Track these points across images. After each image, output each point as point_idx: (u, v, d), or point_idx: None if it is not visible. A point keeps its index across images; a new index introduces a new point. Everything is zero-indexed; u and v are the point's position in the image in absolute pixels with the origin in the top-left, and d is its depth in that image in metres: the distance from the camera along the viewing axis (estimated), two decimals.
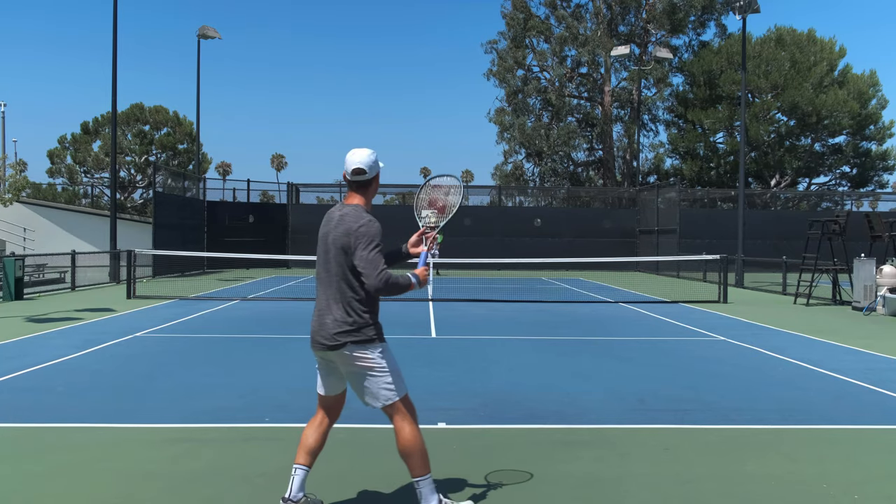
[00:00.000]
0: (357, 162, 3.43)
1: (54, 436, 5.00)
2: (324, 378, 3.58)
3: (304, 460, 3.56)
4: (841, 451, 4.83)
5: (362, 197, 3.49)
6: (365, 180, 3.46)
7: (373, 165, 3.46)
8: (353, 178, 3.45)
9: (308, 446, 3.57)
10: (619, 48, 35.62)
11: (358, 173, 3.43)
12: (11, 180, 22.26)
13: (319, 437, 3.60)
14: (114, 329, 10.38)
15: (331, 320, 3.37)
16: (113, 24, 21.21)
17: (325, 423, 3.63)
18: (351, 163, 3.44)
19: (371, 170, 3.45)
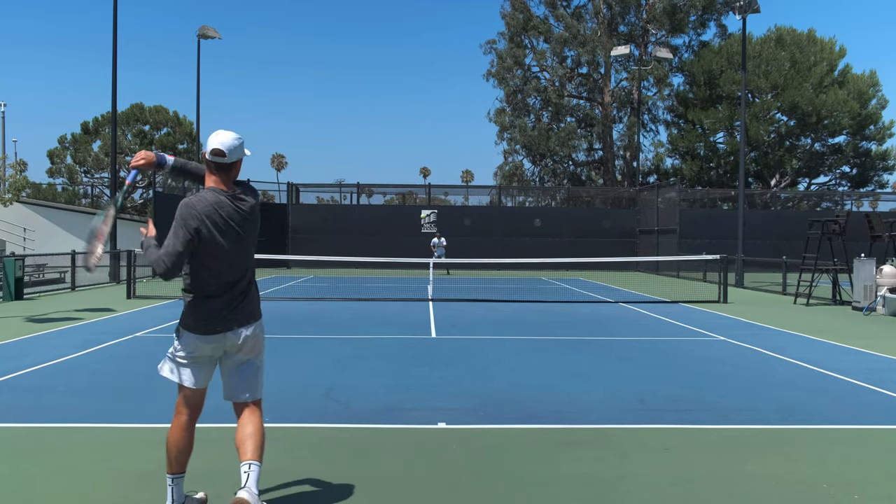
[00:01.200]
0: (218, 143, 3.35)
1: (54, 436, 5.00)
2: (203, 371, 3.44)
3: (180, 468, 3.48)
4: (841, 451, 4.83)
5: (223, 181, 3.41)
6: (225, 163, 3.40)
7: (234, 150, 3.39)
8: (211, 159, 3.37)
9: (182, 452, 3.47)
10: (619, 48, 35.65)
11: (216, 154, 3.35)
12: (11, 180, 22.26)
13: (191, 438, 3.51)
14: (114, 329, 10.37)
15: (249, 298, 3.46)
16: (113, 24, 21.22)
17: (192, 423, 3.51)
18: (211, 143, 3.36)
19: (231, 154, 3.38)
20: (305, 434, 5.08)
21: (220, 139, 3.35)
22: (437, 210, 31.31)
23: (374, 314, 12.52)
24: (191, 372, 3.40)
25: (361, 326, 11.00)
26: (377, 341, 9.59)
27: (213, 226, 3.30)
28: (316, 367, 7.61)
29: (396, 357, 8.30)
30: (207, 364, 3.45)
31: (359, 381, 6.86)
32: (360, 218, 30.99)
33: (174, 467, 3.44)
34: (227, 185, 3.40)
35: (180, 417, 3.45)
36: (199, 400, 3.50)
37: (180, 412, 3.46)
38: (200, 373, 3.43)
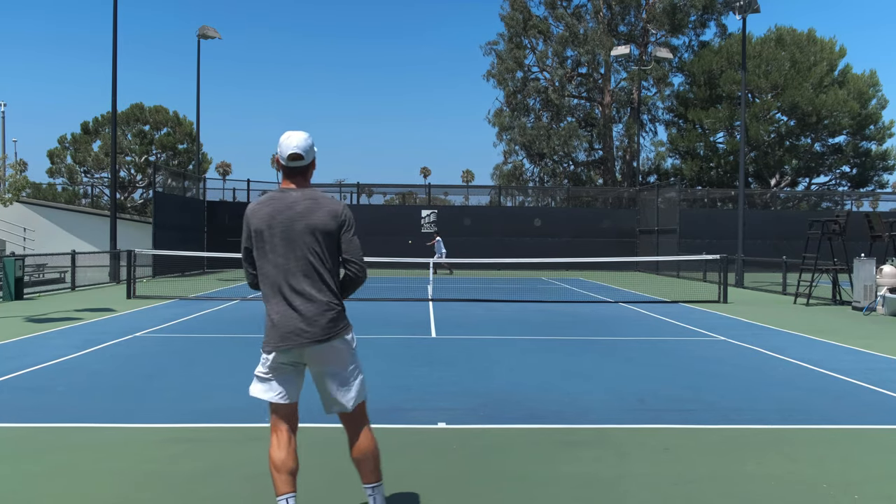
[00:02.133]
0: (293, 146, 3.15)
1: (54, 436, 5.00)
2: (285, 383, 3.18)
3: (290, 487, 3.13)
4: (841, 451, 4.83)
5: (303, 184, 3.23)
6: (302, 165, 3.20)
7: (309, 150, 3.20)
8: (289, 164, 3.18)
9: (288, 469, 3.14)
10: (619, 48, 35.62)
11: (294, 158, 3.16)
12: (11, 180, 22.25)
13: (293, 455, 3.20)
14: (114, 329, 10.38)
15: (313, 310, 3.06)
16: (113, 24, 21.22)
17: (292, 439, 3.23)
18: (286, 147, 3.15)
19: (307, 154, 3.19)
20: (305, 434, 5.06)
21: (295, 141, 3.16)
22: (437, 210, 31.31)
23: (374, 314, 12.52)
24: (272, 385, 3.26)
25: (361, 326, 11.00)
26: (377, 341, 9.59)
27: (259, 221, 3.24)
28: None
29: (397, 357, 8.30)
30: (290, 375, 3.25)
31: None
32: (360, 218, 30.64)
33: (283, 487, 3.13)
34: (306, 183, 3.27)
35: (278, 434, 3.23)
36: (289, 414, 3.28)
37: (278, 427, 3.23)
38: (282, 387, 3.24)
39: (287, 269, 3.09)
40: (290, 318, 3.07)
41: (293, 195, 3.16)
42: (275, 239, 3.10)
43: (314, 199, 3.15)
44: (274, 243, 3.10)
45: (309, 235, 3.09)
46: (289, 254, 3.09)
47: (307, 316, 3.07)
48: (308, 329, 3.06)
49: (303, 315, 3.07)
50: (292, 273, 3.09)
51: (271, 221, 3.11)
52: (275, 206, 3.13)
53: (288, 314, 3.08)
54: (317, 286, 3.09)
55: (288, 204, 3.13)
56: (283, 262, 3.10)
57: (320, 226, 3.10)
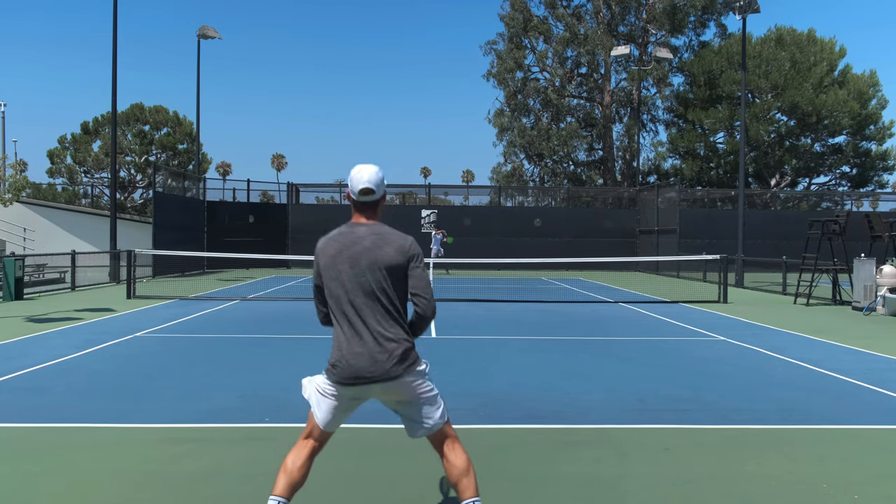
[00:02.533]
0: (365, 181, 3.12)
1: (54, 436, 5.00)
2: (336, 415, 3.19)
3: (286, 493, 3.14)
4: (841, 451, 4.83)
5: (373, 217, 3.21)
6: (373, 200, 3.18)
7: (380, 184, 3.18)
8: (360, 199, 3.15)
9: (294, 479, 3.15)
10: (619, 48, 35.63)
11: (366, 193, 3.13)
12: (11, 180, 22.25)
13: (307, 469, 3.20)
14: (114, 329, 10.38)
15: (381, 351, 3.03)
16: (113, 24, 21.22)
17: (313, 456, 3.25)
18: (358, 182, 3.12)
19: (378, 188, 3.16)
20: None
21: (367, 176, 3.13)
22: (438, 210, 31.31)
23: None
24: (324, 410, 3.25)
25: None
26: None
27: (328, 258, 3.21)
28: (316, 368, 7.56)
29: None
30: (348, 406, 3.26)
31: None
32: None
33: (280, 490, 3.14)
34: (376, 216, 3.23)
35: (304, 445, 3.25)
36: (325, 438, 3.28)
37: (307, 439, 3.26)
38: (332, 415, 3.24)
39: (355, 306, 3.07)
40: (358, 357, 3.05)
41: (361, 230, 3.14)
42: (342, 276, 3.08)
43: (380, 235, 3.12)
44: (342, 280, 3.09)
45: (377, 271, 3.06)
46: (356, 290, 3.07)
47: (375, 355, 3.04)
48: (375, 369, 3.04)
49: (371, 354, 3.04)
50: (360, 310, 3.06)
51: (339, 257, 3.10)
52: (342, 242, 3.13)
53: (356, 352, 3.06)
54: (385, 323, 3.07)
55: (355, 239, 3.12)
56: (351, 299, 3.07)
57: (387, 261, 3.07)
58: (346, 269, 3.08)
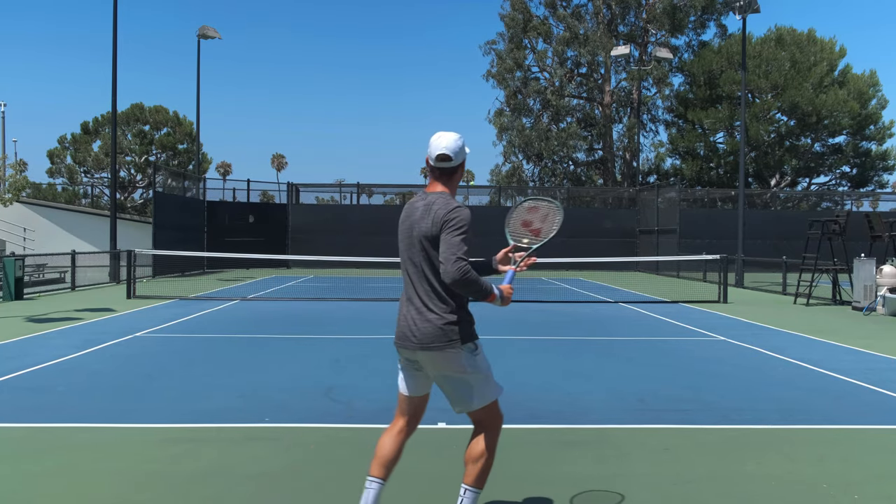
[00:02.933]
0: (442, 147, 3.10)
1: (54, 436, 5.00)
2: (408, 379, 3.26)
3: (380, 473, 3.23)
4: (841, 451, 4.83)
5: (445, 186, 3.17)
6: (450, 167, 3.15)
7: (459, 151, 3.15)
8: (437, 165, 3.14)
9: (384, 457, 3.24)
10: (619, 48, 35.64)
11: (442, 159, 3.12)
12: (11, 180, 22.26)
13: (398, 446, 3.28)
14: (114, 329, 10.37)
15: (420, 319, 3.08)
16: (113, 24, 21.22)
17: (404, 431, 3.30)
18: (436, 147, 3.11)
19: (457, 156, 3.14)
20: (305, 434, 5.09)
21: (445, 142, 3.12)
22: None
23: (374, 314, 12.52)
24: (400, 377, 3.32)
25: (361, 326, 11.00)
26: (377, 341, 9.59)
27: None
28: (316, 367, 7.62)
29: (396, 357, 8.28)
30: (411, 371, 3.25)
31: (359, 381, 6.86)
32: (360, 218, 30.99)
33: (374, 470, 3.25)
34: (453, 192, 3.20)
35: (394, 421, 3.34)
36: (407, 407, 3.30)
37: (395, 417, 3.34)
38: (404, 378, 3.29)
39: (409, 274, 3.16)
40: (403, 322, 3.16)
41: (421, 200, 3.16)
42: (402, 244, 3.19)
43: (429, 205, 3.10)
44: (402, 248, 3.19)
45: (419, 243, 3.09)
46: (407, 261, 3.16)
47: (416, 324, 3.09)
48: (416, 337, 3.10)
49: (412, 322, 3.11)
50: (410, 280, 3.15)
51: (402, 226, 3.19)
52: (407, 211, 3.20)
53: (403, 318, 3.18)
54: (427, 296, 3.09)
55: (413, 209, 3.17)
56: (406, 267, 3.17)
57: (425, 232, 3.06)
58: (404, 239, 3.17)
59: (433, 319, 3.06)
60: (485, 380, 3.20)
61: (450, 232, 3.00)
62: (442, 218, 3.02)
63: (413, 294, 3.14)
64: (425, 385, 3.29)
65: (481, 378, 3.19)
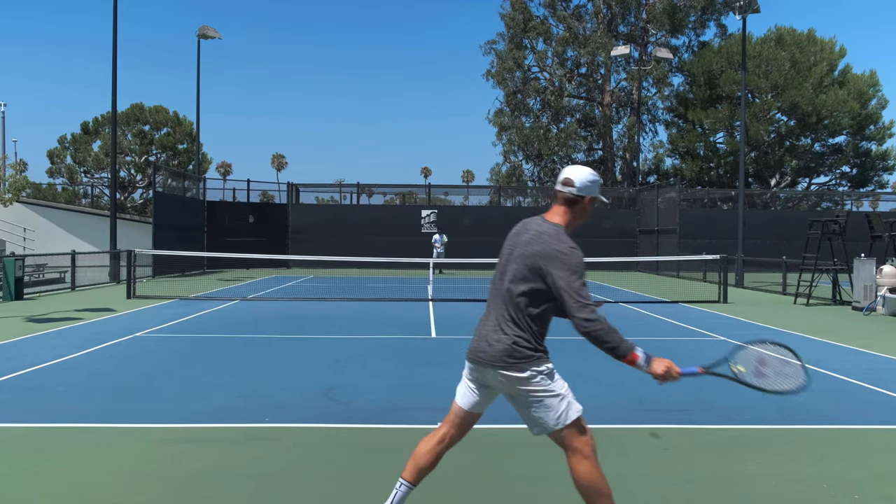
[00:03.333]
0: (569, 172, 3.11)
1: (54, 436, 5.00)
2: (467, 392, 3.22)
3: (411, 477, 3.23)
4: (841, 451, 4.83)
5: (563, 217, 3.13)
6: (571, 195, 3.10)
7: (585, 185, 3.09)
8: (559, 188, 3.12)
9: (419, 463, 3.22)
10: (619, 48, 35.62)
11: (566, 183, 3.09)
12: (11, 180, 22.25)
13: (435, 456, 3.23)
14: (114, 329, 10.37)
15: (495, 336, 3.04)
16: (113, 24, 21.22)
17: (444, 442, 3.24)
18: (564, 172, 3.13)
19: (581, 187, 3.08)
20: (305, 434, 5.09)
21: (574, 171, 3.12)
22: (438, 210, 31.31)
23: (374, 314, 12.52)
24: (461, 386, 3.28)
25: (361, 326, 11.00)
26: (377, 341, 9.59)
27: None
28: (316, 367, 7.62)
29: (396, 357, 8.30)
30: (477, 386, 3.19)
31: (359, 381, 6.86)
32: (360, 218, 30.99)
33: (407, 473, 3.24)
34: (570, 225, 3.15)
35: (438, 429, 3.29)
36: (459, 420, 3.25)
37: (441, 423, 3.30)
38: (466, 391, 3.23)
39: (496, 288, 3.15)
40: (479, 336, 3.12)
41: (535, 223, 3.14)
42: (501, 259, 3.21)
43: (540, 234, 3.05)
44: (500, 261, 3.21)
45: (517, 263, 3.06)
46: (498, 275, 3.17)
47: (490, 340, 3.05)
48: (484, 352, 3.06)
49: (487, 337, 3.07)
50: (498, 293, 3.13)
51: (508, 240, 3.21)
52: (518, 228, 3.21)
53: (478, 330, 3.15)
54: (506, 316, 3.05)
55: (525, 229, 3.15)
56: (496, 281, 3.18)
57: (528, 259, 3.02)
58: (505, 254, 3.18)
59: (503, 339, 3.01)
60: (559, 400, 3.07)
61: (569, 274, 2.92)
62: (553, 254, 2.95)
63: (493, 309, 3.12)
64: (482, 404, 3.23)
65: (552, 399, 3.07)
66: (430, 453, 3.23)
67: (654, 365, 3.01)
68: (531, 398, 3.04)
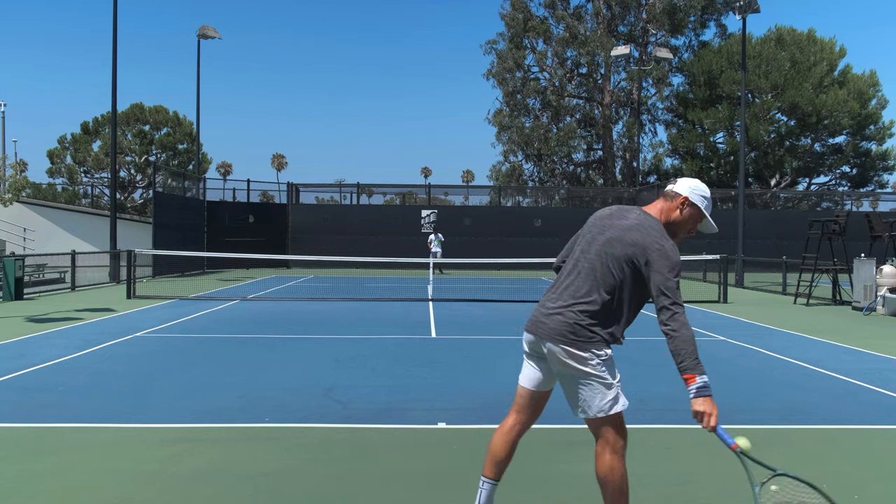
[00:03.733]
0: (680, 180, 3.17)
1: (54, 436, 5.00)
2: (531, 370, 3.19)
3: (491, 473, 3.22)
4: (841, 451, 4.83)
5: (660, 211, 3.14)
6: (672, 191, 3.15)
7: (689, 189, 3.12)
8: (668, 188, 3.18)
9: (496, 456, 3.21)
10: (619, 48, 35.60)
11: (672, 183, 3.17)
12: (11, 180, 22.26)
13: (511, 444, 3.22)
14: (114, 329, 10.37)
15: (558, 313, 3.02)
16: (113, 24, 21.22)
17: (516, 429, 3.23)
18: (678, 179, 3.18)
19: (684, 189, 3.11)
20: (305, 434, 5.08)
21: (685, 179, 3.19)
22: (437, 210, 31.32)
23: (374, 314, 12.52)
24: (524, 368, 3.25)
25: (361, 326, 11.00)
26: (377, 341, 9.59)
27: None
28: (316, 367, 7.62)
29: (396, 357, 8.30)
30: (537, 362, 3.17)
31: (359, 381, 6.86)
32: (360, 218, 31.00)
33: (486, 470, 3.24)
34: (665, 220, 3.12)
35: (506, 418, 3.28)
36: (526, 402, 3.22)
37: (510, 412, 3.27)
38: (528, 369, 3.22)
39: (573, 264, 3.14)
40: (541, 307, 3.14)
41: (637, 212, 3.12)
42: (586, 236, 3.20)
43: (643, 224, 3.03)
44: (583, 238, 3.21)
45: (608, 245, 3.04)
46: (581, 253, 3.15)
47: (551, 313, 3.05)
48: (542, 323, 3.07)
49: (549, 309, 3.07)
50: (572, 270, 3.12)
51: (597, 221, 3.20)
52: (612, 212, 3.19)
53: (543, 301, 3.16)
54: (577, 294, 3.03)
55: (620, 213, 3.14)
56: (576, 258, 3.16)
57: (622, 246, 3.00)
58: (595, 233, 3.14)
59: (569, 317, 3.00)
60: (606, 388, 3.07)
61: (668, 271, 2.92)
62: (656, 248, 2.93)
63: (566, 285, 3.08)
64: (548, 380, 3.20)
65: (602, 386, 3.07)
66: (505, 444, 3.21)
67: (701, 401, 2.99)
68: (579, 381, 3.04)
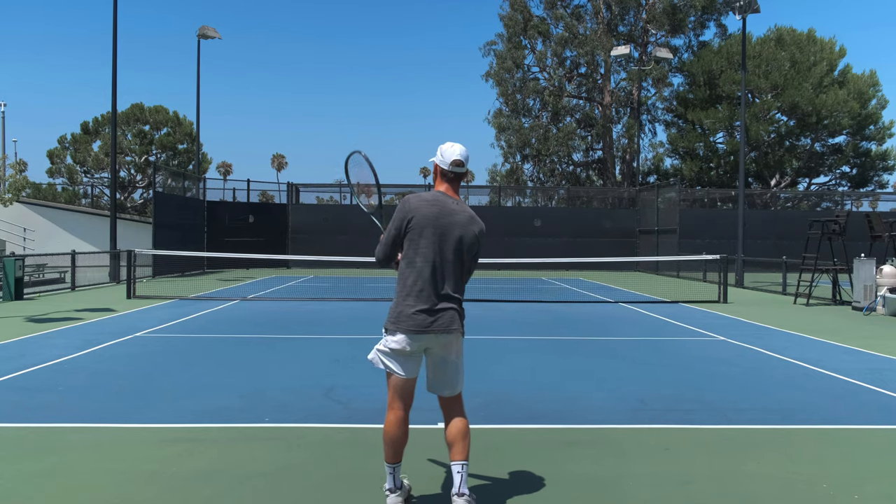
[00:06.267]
0: (458, 153, 3.60)
1: (54, 436, 5.00)
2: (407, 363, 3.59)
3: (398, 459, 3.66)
4: (841, 451, 4.83)
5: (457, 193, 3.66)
6: (463, 172, 3.63)
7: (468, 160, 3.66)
8: (454, 170, 3.61)
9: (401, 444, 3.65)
10: (618, 48, 35.60)
11: (457, 165, 3.59)
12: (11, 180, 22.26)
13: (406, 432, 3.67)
14: (114, 329, 10.37)
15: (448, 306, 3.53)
16: (113, 24, 21.21)
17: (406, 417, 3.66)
18: (450, 154, 3.60)
19: (467, 163, 3.65)
20: (305, 434, 5.08)
21: (459, 151, 3.62)
22: None
23: (374, 314, 12.52)
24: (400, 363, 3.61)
25: (361, 326, 11.00)
26: (377, 341, 9.57)
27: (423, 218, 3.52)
28: (316, 367, 7.62)
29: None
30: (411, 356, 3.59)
31: (359, 381, 6.86)
32: (360, 218, 30.90)
33: (392, 458, 3.65)
34: (455, 193, 3.65)
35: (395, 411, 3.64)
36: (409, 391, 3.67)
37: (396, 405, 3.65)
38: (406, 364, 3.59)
39: (435, 267, 3.53)
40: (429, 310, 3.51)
41: (452, 204, 3.58)
42: (433, 237, 3.53)
43: (471, 216, 3.61)
44: (432, 240, 3.53)
45: (458, 242, 3.55)
46: (437, 253, 3.53)
47: (443, 309, 3.52)
48: (440, 320, 3.50)
49: (440, 308, 3.51)
50: (438, 271, 3.53)
51: (436, 222, 3.53)
52: (441, 210, 3.55)
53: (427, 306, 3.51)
54: (453, 287, 3.57)
55: (450, 210, 3.56)
56: (433, 259, 3.53)
57: (469, 238, 3.58)
58: (438, 234, 3.52)
59: (455, 307, 3.56)
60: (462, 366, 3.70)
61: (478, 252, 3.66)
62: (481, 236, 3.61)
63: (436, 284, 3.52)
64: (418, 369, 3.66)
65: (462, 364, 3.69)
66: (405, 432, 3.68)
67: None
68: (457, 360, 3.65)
